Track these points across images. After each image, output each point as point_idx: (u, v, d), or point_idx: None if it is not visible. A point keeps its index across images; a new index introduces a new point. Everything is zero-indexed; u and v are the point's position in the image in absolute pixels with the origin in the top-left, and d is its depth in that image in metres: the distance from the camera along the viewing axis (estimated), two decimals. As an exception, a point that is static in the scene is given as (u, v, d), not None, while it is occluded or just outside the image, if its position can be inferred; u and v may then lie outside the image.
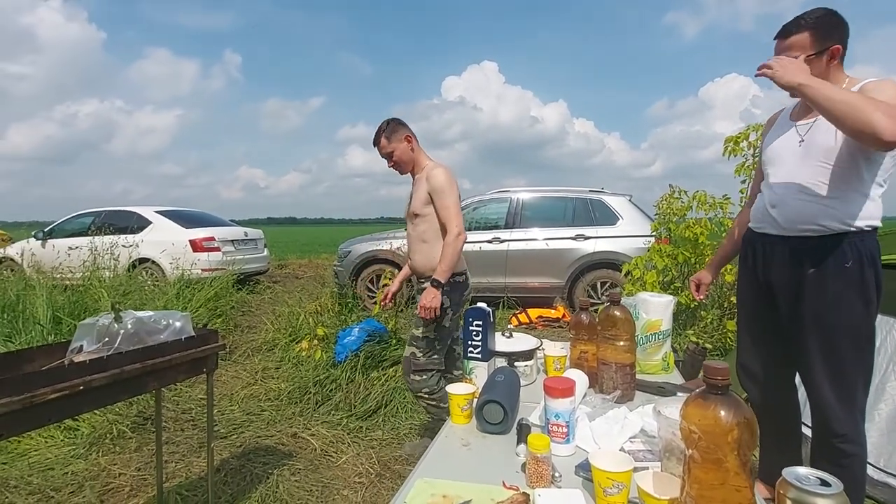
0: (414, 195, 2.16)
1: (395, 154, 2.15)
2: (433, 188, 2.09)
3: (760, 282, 1.56)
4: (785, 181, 1.46)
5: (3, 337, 3.04)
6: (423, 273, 2.17)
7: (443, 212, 2.10)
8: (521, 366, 1.44)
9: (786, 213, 1.44)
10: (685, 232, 4.02)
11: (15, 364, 1.44)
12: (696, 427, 0.63)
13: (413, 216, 2.15)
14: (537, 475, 0.86)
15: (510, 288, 5.60)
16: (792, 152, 1.46)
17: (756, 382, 1.65)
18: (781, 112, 1.62)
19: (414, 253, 2.20)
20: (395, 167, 2.19)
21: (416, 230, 2.16)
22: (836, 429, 1.40)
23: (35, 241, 6.63)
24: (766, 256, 1.52)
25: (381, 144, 2.17)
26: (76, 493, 2.08)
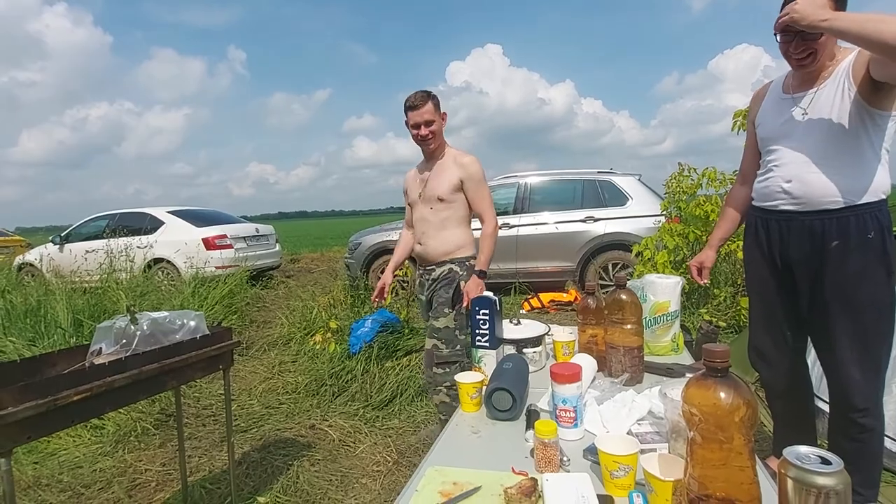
0: (437, 179, 2.04)
1: (436, 125, 2.01)
2: (470, 176, 2.02)
3: (774, 260, 1.53)
4: (796, 156, 1.42)
5: (27, 341, 3.13)
6: (434, 259, 2.08)
7: (482, 202, 2.06)
8: (529, 352, 1.45)
9: (803, 188, 1.41)
10: (695, 210, 3.97)
11: (37, 368, 1.49)
12: (697, 409, 0.63)
13: (437, 200, 2.03)
14: (545, 460, 0.88)
15: (521, 273, 5.59)
16: (796, 126, 1.43)
17: (769, 362, 1.64)
18: (769, 86, 1.59)
19: (429, 238, 2.07)
20: (425, 140, 2.02)
21: (438, 216, 2.04)
22: (857, 403, 1.39)
23: (53, 245, 6.79)
24: (783, 233, 1.49)
25: (428, 108, 1.98)
26: (105, 489, 2.16)
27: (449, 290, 2.05)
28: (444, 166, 2.04)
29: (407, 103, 2.00)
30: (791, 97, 1.46)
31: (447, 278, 2.06)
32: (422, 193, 2.05)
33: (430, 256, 2.09)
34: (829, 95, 1.35)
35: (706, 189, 4.23)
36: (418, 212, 2.09)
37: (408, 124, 2.04)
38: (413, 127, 2.00)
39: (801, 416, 1.67)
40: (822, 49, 1.35)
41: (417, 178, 2.12)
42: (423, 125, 1.99)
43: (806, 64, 1.38)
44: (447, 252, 2.06)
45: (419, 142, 2.03)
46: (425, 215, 2.06)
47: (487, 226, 2.06)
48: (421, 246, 2.09)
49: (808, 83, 1.42)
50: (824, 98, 1.37)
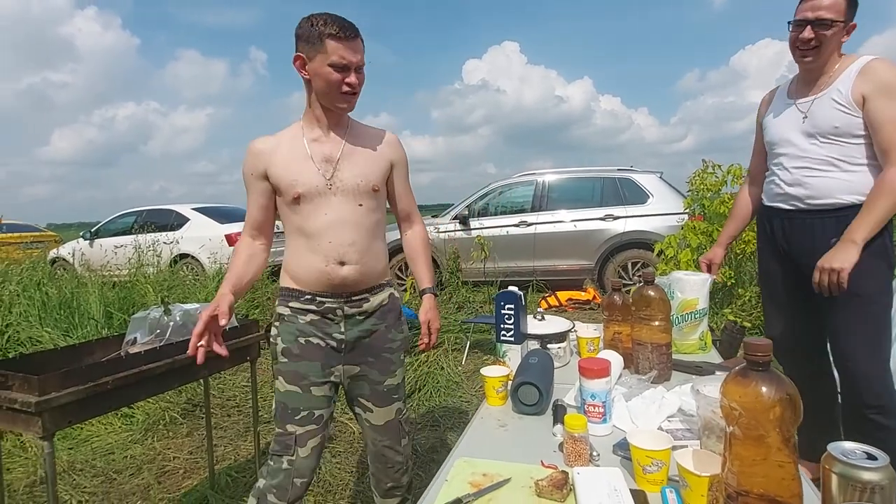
0: (364, 160, 1.27)
1: (364, 77, 1.22)
2: (402, 160, 1.36)
3: (781, 255, 1.60)
4: (797, 159, 1.50)
5: (62, 331, 3.24)
6: (368, 284, 1.29)
7: (412, 198, 1.44)
8: (553, 348, 1.44)
9: (803, 191, 1.49)
10: (720, 208, 3.90)
11: (76, 356, 1.55)
12: (737, 404, 0.63)
13: (371, 193, 1.26)
14: (575, 454, 0.88)
15: (539, 271, 5.57)
16: (797, 130, 1.49)
17: (786, 353, 1.66)
18: (776, 90, 1.65)
19: (361, 253, 1.24)
20: (350, 95, 1.20)
21: (371, 217, 1.27)
22: (869, 400, 1.40)
23: (84, 241, 7.01)
24: (785, 230, 1.57)
25: (361, 46, 1.19)
26: (135, 475, 2.23)
27: (401, 327, 1.37)
28: (362, 142, 1.28)
29: (329, 29, 1.12)
30: (794, 102, 1.53)
31: (391, 310, 1.35)
32: (332, 181, 1.21)
33: (365, 280, 1.27)
34: (829, 103, 1.42)
35: (731, 186, 4.15)
36: (332, 211, 1.21)
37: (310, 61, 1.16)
38: (337, 68, 1.14)
39: (823, 410, 1.65)
40: (827, 43, 1.40)
41: (307, 156, 1.22)
42: (354, 70, 1.17)
43: (809, 56, 1.43)
44: (383, 272, 1.34)
45: (337, 97, 1.18)
46: (349, 216, 1.23)
47: (423, 229, 1.49)
48: (346, 267, 1.22)
49: (809, 89, 1.49)
50: (824, 104, 1.43)
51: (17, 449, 2.41)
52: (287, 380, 1.24)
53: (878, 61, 1.39)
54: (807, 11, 1.41)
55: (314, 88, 1.20)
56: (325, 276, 1.22)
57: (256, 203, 1.28)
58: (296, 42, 1.18)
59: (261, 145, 1.24)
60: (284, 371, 1.24)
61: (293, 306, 1.26)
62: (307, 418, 1.23)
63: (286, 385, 1.24)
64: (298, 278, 1.26)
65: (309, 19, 1.15)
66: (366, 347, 1.30)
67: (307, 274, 1.24)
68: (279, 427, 1.24)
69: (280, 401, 1.24)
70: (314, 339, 1.25)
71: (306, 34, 1.14)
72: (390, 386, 1.34)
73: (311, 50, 1.15)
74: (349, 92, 1.18)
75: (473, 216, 5.83)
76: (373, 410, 1.34)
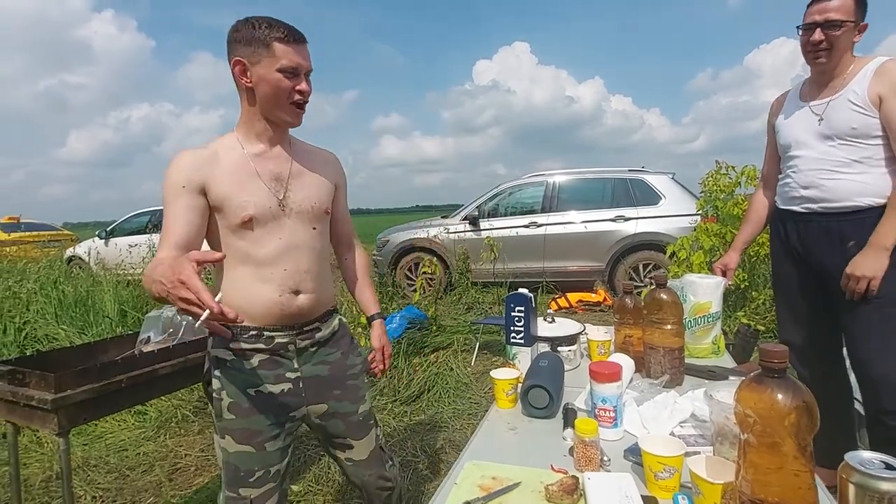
0: (313, 180, 1.16)
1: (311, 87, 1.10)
2: (343, 182, 1.28)
3: (796, 258, 1.59)
4: (813, 162, 1.48)
5: (77, 329, 3.30)
6: (317, 314, 1.18)
7: (349, 219, 1.34)
8: (564, 350, 1.43)
9: (819, 194, 1.48)
10: (733, 209, 3.85)
11: (92, 354, 1.58)
12: (752, 411, 0.62)
13: (324, 215, 1.18)
14: (586, 459, 0.87)
15: (548, 272, 5.55)
16: (812, 133, 1.48)
17: (801, 358, 1.64)
18: (787, 93, 1.65)
19: (316, 280, 1.15)
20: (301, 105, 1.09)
21: (321, 242, 1.18)
22: (889, 406, 1.38)
23: (99, 240, 7.14)
24: (800, 233, 1.56)
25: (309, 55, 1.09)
26: (148, 471, 2.26)
27: (357, 350, 1.29)
28: (309, 161, 1.17)
29: (276, 32, 1.02)
30: (807, 104, 1.52)
31: (344, 335, 1.26)
32: (285, 202, 1.09)
33: (318, 309, 1.17)
34: (845, 104, 1.41)
35: (745, 188, 4.10)
36: (285, 235, 1.09)
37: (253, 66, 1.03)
38: (288, 74, 1.03)
39: (838, 417, 1.63)
40: (838, 44, 1.40)
41: (253, 173, 1.07)
42: (305, 75, 1.07)
43: (821, 57, 1.43)
44: (332, 298, 1.25)
45: (286, 107, 1.07)
46: (304, 241, 1.12)
47: (364, 253, 1.40)
48: (302, 296, 1.12)
49: (823, 91, 1.48)
50: (840, 106, 1.42)
51: (34, 444, 2.46)
52: (237, 439, 1.06)
53: (893, 62, 1.39)
54: (815, 14, 1.42)
55: (258, 98, 1.05)
56: (277, 308, 1.08)
57: (184, 219, 1.01)
58: (231, 46, 1.04)
59: (196, 154, 1.04)
60: (233, 429, 1.06)
61: (236, 348, 1.08)
62: (263, 478, 1.08)
63: (236, 445, 1.06)
64: (245, 312, 1.05)
65: (249, 21, 1.02)
66: (327, 381, 1.18)
67: (254, 307, 1.07)
68: (230, 491, 1.08)
69: (230, 462, 1.07)
70: (266, 388, 1.09)
71: (248, 37, 1.01)
72: (364, 413, 1.24)
73: (253, 54, 1.02)
74: (300, 101, 1.07)
75: (483, 217, 5.83)
76: (353, 446, 1.23)
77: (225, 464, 1.09)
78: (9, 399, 1.28)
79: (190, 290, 0.77)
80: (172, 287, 0.79)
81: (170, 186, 1.02)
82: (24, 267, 4.26)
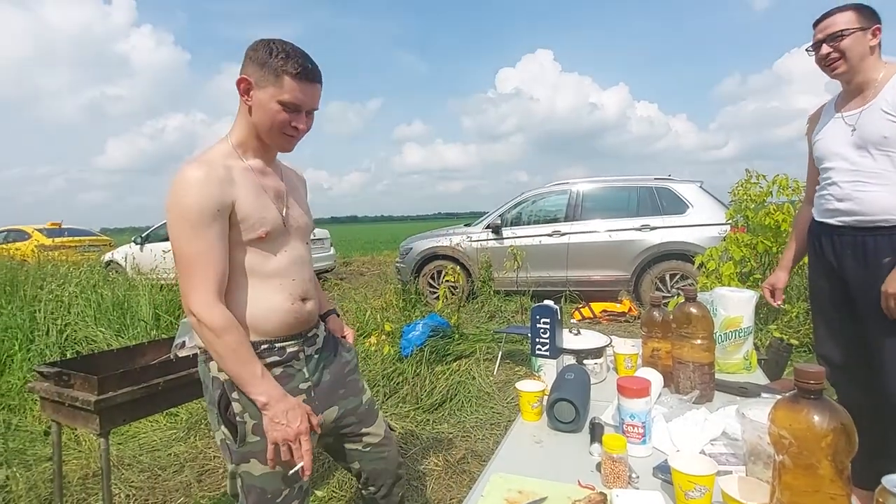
0: (299, 199, 1.20)
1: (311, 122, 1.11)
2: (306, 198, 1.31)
3: (832, 272, 1.56)
4: (847, 173, 1.46)
5: (114, 332, 3.44)
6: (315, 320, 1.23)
7: None
8: (590, 363, 1.42)
9: (855, 206, 1.45)
10: (765, 219, 3.75)
11: (130, 357, 1.64)
12: (787, 432, 0.61)
13: (310, 232, 1.24)
14: (614, 475, 0.86)
15: (572, 282, 5.49)
16: (846, 144, 1.47)
17: (839, 372, 1.59)
18: (823, 106, 1.63)
19: (315, 289, 1.23)
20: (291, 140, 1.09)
21: (310, 254, 1.24)
22: None
23: (135, 245, 7.42)
24: (835, 247, 1.53)
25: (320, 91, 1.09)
26: (178, 472, 2.33)
27: (346, 345, 1.33)
28: (292, 180, 1.22)
29: (291, 66, 1.00)
30: (841, 115, 1.50)
31: (331, 336, 1.30)
32: (287, 219, 1.12)
33: (316, 314, 1.23)
34: (878, 114, 1.39)
35: (777, 197, 3.99)
36: (290, 248, 1.13)
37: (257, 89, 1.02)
38: (288, 108, 1.03)
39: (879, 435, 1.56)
40: (850, 50, 1.42)
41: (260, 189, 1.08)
42: (307, 113, 1.08)
43: (837, 66, 1.45)
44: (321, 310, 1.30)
45: (277, 136, 1.07)
46: (303, 254, 1.18)
47: None
48: (309, 302, 1.16)
49: (855, 101, 1.47)
50: (873, 115, 1.40)
51: (72, 442, 2.56)
52: (263, 461, 1.03)
53: None
54: (818, 34, 1.48)
55: (254, 119, 1.05)
56: (290, 316, 1.10)
57: (222, 252, 0.98)
58: (245, 62, 1.02)
59: (214, 173, 0.98)
60: (258, 452, 1.03)
61: None
62: (289, 496, 1.08)
63: (262, 468, 1.04)
64: (256, 326, 1.06)
65: (269, 46, 1.00)
66: (332, 384, 1.20)
67: (269, 318, 1.07)
68: None
69: (256, 486, 1.04)
70: None
71: (262, 60, 1.00)
72: (368, 400, 1.29)
73: (262, 79, 1.00)
74: (291, 137, 1.07)
75: (506, 225, 5.82)
76: (368, 431, 1.27)
77: (249, 489, 1.05)
78: (55, 399, 1.34)
79: (302, 447, 1.00)
80: (295, 434, 0.99)
81: (199, 212, 0.95)
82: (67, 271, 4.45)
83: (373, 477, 1.31)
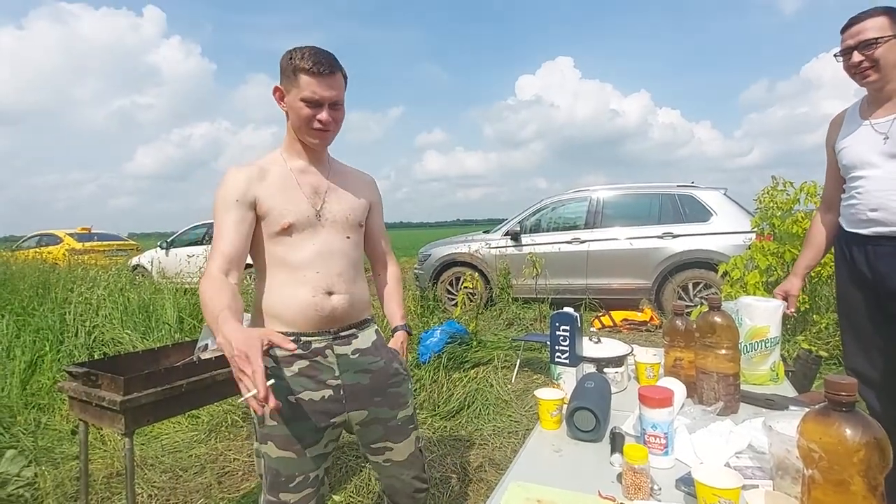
0: (348, 195, 1.24)
1: (342, 111, 1.17)
2: (379, 200, 1.36)
3: (863, 282, 1.52)
4: (879, 183, 1.42)
5: (140, 334, 3.53)
6: (357, 318, 1.23)
7: (386, 238, 1.41)
8: (610, 372, 1.40)
9: (890, 216, 1.41)
10: (792, 227, 3.65)
11: (155, 359, 1.68)
12: (817, 445, 0.59)
13: (357, 227, 1.25)
14: (635, 487, 0.85)
15: (591, 289, 5.43)
16: (878, 152, 1.42)
17: (870, 385, 1.54)
18: (846, 112, 1.58)
19: (349, 284, 1.20)
20: (320, 133, 1.15)
21: (356, 251, 1.24)
22: None
23: (161, 250, 7.63)
24: (869, 257, 1.49)
25: (340, 82, 1.14)
26: (199, 473, 2.36)
27: (398, 358, 1.31)
28: (345, 178, 1.27)
29: (304, 63, 1.08)
30: (869, 123, 1.46)
31: (384, 345, 1.29)
32: (322, 212, 1.18)
33: (352, 313, 1.21)
34: None
35: (805, 205, 3.88)
36: (319, 241, 1.16)
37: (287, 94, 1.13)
38: (309, 103, 1.10)
39: None
40: (882, 58, 1.38)
41: (295, 185, 1.17)
42: (329, 106, 1.12)
43: (869, 75, 1.40)
44: (368, 306, 1.29)
45: (308, 131, 1.14)
46: (337, 247, 1.19)
47: (398, 268, 1.46)
48: (335, 297, 1.16)
49: (885, 107, 1.43)
50: None
51: (98, 442, 2.62)
52: (279, 445, 1.11)
53: None
54: (848, 40, 1.43)
55: (290, 122, 1.17)
56: (312, 309, 1.12)
57: (235, 232, 1.08)
58: (280, 74, 1.14)
59: (247, 171, 1.13)
60: (275, 436, 1.11)
61: (275, 355, 1.12)
62: (302, 483, 1.12)
63: (278, 451, 1.11)
64: (281, 316, 1.12)
65: (290, 53, 1.11)
66: (369, 388, 1.21)
67: (291, 309, 1.12)
68: (271, 495, 1.12)
69: (272, 467, 1.12)
70: (306, 395, 1.12)
71: (284, 67, 1.11)
72: (404, 418, 1.27)
73: (287, 83, 1.12)
74: (320, 129, 1.13)
75: (525, 232, 5.80)
76: (392, 448, 1.25)
77: (267, 469, 1.13)
78: (83, 399, 1.38)
79: (251, 366, 0.84)
80: (238, 356, 0.86)
81: (222, 200, 1.10)
82: (95, 275, 4.60)
83: (389, 492, 1.32)
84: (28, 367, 3.18)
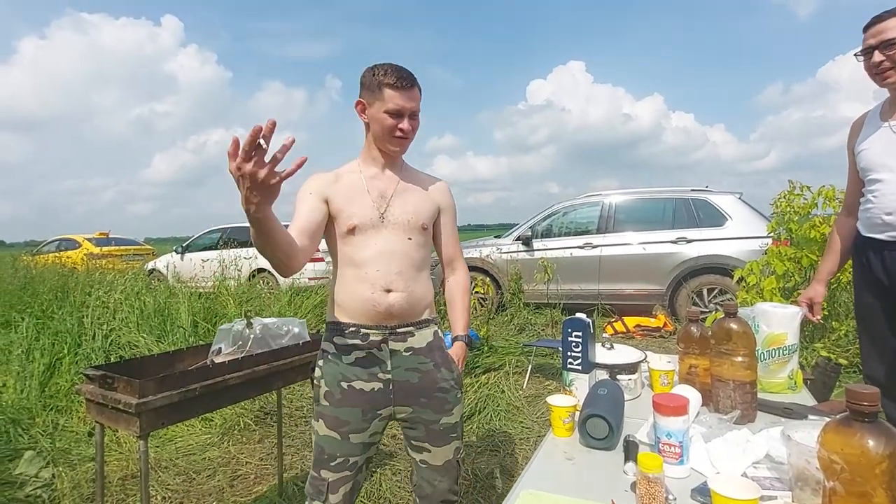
0: (414, 199, 1.32)
1: (418, 120, 1.28)
2: (451, 206, 1.42)
3: (880, 287, 1.50)
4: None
5: (155, 337, 3.58)
6: (415, 317, 1.29)
7: (457, 245, 1.46)
8: (623, 379, 1.38)
9: None
10: (810, 232, 3.58)
11: (170, 362, 1.71)
12: (838, 456, 0.57)
13: (421, 230, 1.30)
14: (650, 496, 0.83)
15: (604, 295, 5.38)
16: (895, 154, 1.41)
17: (888, 393, 1.50)
18: (867, 115, 1.56)
19: (409, 282, 1.27)
20: (403, 140, 1.26)
21: (420, 252, 1.30)
22: None
23: (176, 254, 7.74)
24: (885, 263, 1.46)
25: (417, 94, 1.26)
26: (212, 476, 2.38)
27: (450, 365, 1.35)
28: (414, 183, 1.35)
29: (388, 78, 1.20)
30: (889, 125, 1.44)
31: (439, 348, 1.33)
32: (385, 215, 1.27)
33: (411, 311, 1.28)
34: None
35: (822, 209, 3.81)
36: (381, 242, 1.25)
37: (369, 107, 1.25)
38: (392, 115, 1.22)
39: None
40: None
41: (364, 191, 1.28)
42: (408, 116, 1.24)
43: (889, 76, 1.40)
44: (429, 307, 1.34)
45: (390, 139, 1.25)
46: (397, 248, 1.26)
47: (466, 277, 1.48)
48: (393, 294, 1.24)
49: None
50: None
51: (113, 444, 2.66)
52: (328, 424, 1.23)
53: None
54: (870, 39, 1.41)
55: (371, 132, 1.27)
56: (370, 304, 1.22)
57: (308, 214, 1.21)
58: (360, 89, 1.26)
59: (325, 176, 1.29)
60: (325, 415, 1.23)
61: (337, 343, 1.25)
62: (342, 465, 1.22)
63: (325, 429, 1.23)
64: (344, 308, 1.26)
65: (372, 69, 1.23)
66: (417, 389, 1.27)
67: (353, 303, 1.24)
68: (314, 471, 1.24)
69: (318, 444, 1.24)
70: (357, 384, 1.23)
71: (368, 82, 1.23)
72: (447, 425, 1.30)
73: (371, 97, 1.23)
74: (401, 136, 1.25)
75: (537, 237, 5.78)
76: (430, 451, 1.30)
77: (315, 444, 1.25)
78: (99, 401, 1.40)
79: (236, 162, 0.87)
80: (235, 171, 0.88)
81: (301, 195, 1.26)
82: (113, 279, 4.68)
83: (418, 493, 1.35)
84: (47, 370, 3.25)
